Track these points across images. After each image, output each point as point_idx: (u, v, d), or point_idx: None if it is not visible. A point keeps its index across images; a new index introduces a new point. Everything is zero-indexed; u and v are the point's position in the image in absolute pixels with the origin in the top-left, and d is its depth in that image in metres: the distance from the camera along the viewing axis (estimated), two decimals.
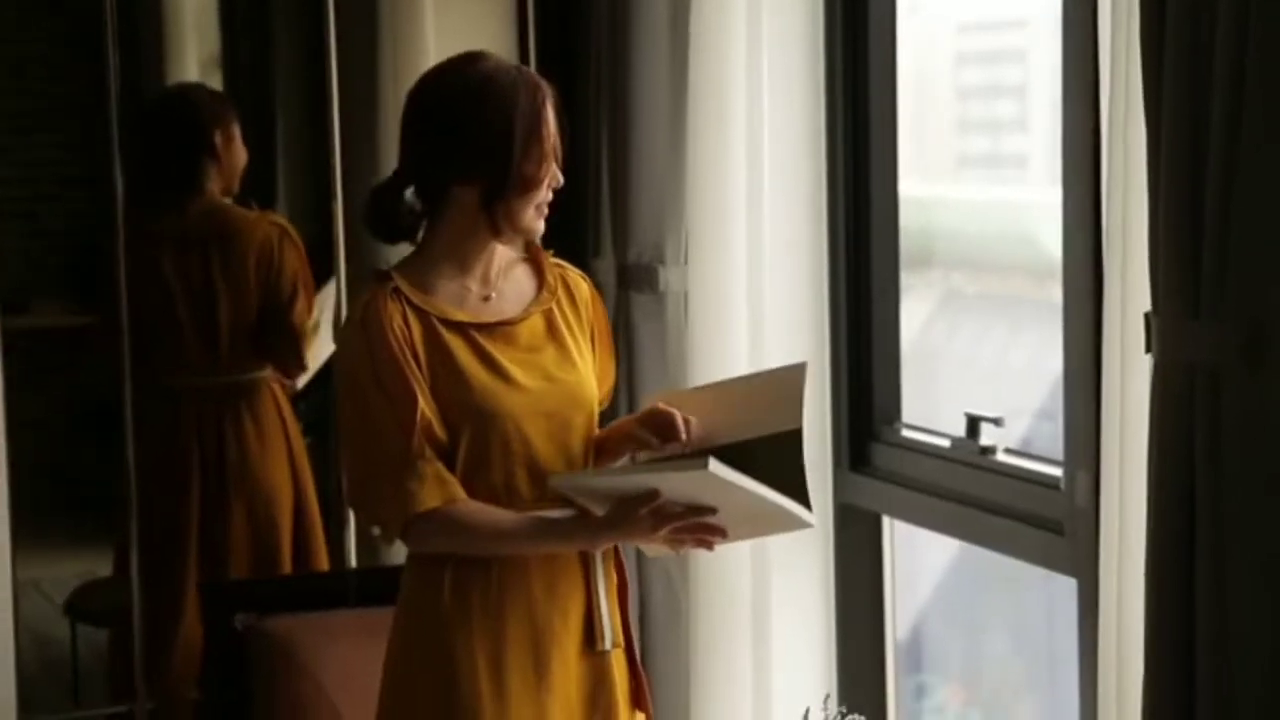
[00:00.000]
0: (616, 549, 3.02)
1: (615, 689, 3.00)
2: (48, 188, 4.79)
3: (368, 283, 2.96)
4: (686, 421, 2.92)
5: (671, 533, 2.85)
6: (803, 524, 2.89)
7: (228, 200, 4.61)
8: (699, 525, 2.84)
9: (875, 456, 3.97)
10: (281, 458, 4.60)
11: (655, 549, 3.01)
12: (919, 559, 4.19)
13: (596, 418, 3.02)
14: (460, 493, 2.87)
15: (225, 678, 3.74)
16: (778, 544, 3.81)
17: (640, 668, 3.05)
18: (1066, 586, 3.93)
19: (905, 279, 4.00)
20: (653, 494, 2.80)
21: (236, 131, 4.61)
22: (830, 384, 3.96)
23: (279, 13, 5.02)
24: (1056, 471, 3.46)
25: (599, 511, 2.87)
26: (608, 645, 2.98)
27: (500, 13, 4.78)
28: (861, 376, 3.98)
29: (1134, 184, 2.80)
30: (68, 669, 4.73)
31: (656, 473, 2.81)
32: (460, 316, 2.93)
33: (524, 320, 2.98)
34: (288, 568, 4.56)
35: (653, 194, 3.99)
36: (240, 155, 4.62)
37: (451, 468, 2.89)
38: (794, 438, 2.85)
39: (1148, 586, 2.66)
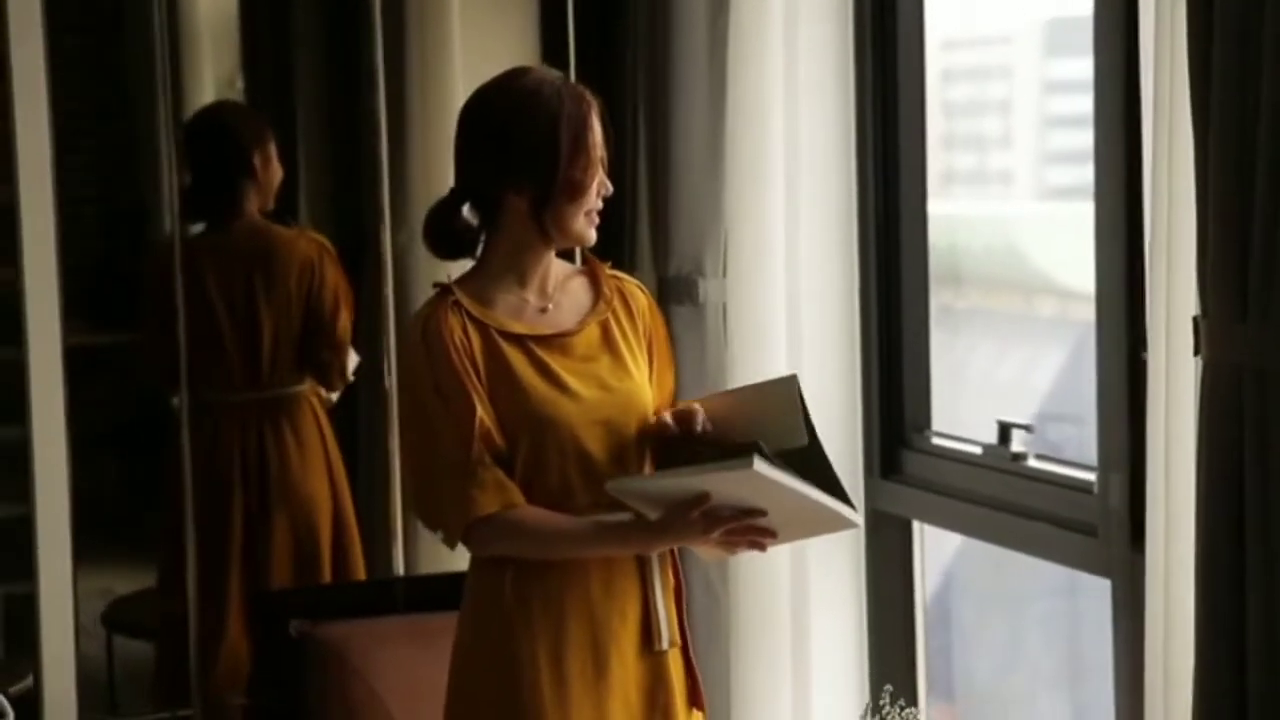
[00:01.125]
0: (672, 550, 3.06)
1: (673, 688, 3.03)
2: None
3: (429, 296, 3.01)
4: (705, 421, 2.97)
5: (724, 535, 2.89)
6: (849, 523, 2.93)
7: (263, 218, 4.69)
8: (750, 527, 2.89)
9: (906, 464, 4.03)
10: (321, 469, 4.65)
11: (710, 553, 3.05)
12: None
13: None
14: (519, 498, 2.91)
15: (279, 683, 3.79)
16: (815, 549, 3.88)
17: (696, 667, 3.08)
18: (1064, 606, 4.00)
19: None
20: (704, 497, 2.85)
21: (273, 150, 4.66)
22: (861, 393, 4.02)
23: (299, 33, 5.06)
24: (1088, 476, 3.53)
25: (653, 515, 2.91)
26: (665, 645, 3.01)
27: (526, 38, 4.85)
28: (892, 385, 4.04)
29: (1179, 191, 2.85)
30: (94, 681, 4.75)
31: (705, 474, 2.84)
32: (518, 328, 2.98)
33: (580, 331, 3.02)
34: (328, 576, 4.61)
35: (692, 207, 4.04)
36: (277, 173, 4.67)
37: (510, 474, 2.93)
38: (814, 450, 2.90)
39: (1197, 585, 2.70)
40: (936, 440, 3.99)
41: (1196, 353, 2.72)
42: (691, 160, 4.01)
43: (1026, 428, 3.74)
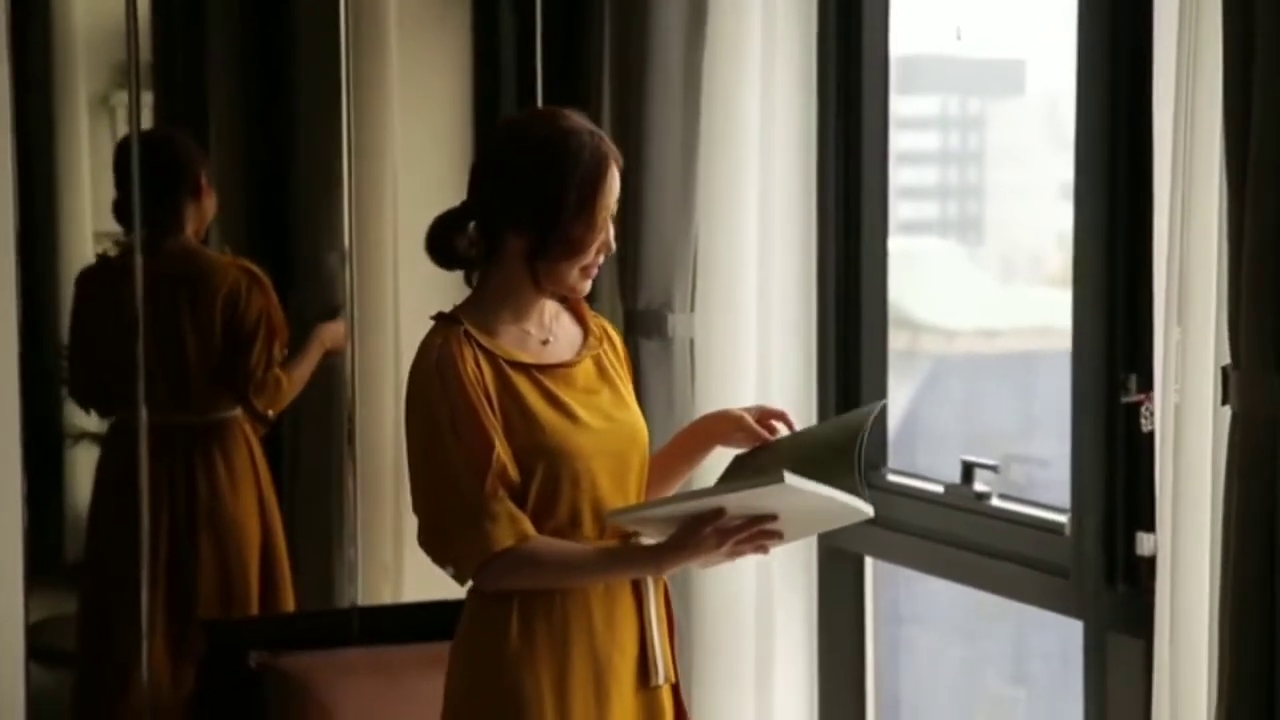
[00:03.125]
0: (666, 587, 3.02)
1: None
2: None
3: (435, 326, 2.94)
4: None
5: (733, 545, 2.85)
6: (861, 515, 2.88)
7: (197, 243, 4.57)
8: (759, 532, 2.85)
9: None
10: (251, 497, 4.52)
11: (706, 560, 2.96)
12: None
13: (648, 458, 3.04)
14: (531, 530, 2.86)
15: (234, 715, 3.68)
16: (779, 583, 3.86)
17: (686, 705, 3.04)
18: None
19: None
20: (718, 513, 2.81)
21: (211, 179, 4.56)
22: None
23: (214, 56, 4.96)
24: (1056, 517, 3.53)
25: (659, 538, 2.88)
26: (660, 680, 2.98)
27: (461, 63, 4.79)
28: None
29: (1194, 237, 2.85)
30: (11, 714, 4.59)
31: (729, 494, 2.79)
32: (525, 358, 2.93)
33: (579, 363, 2.99)
34: (255, 608, 4.49)
35: (662, 241, 3.97)
36: (214, 202, 4.57)
37: (522, 507, 2.87)
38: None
39: (1225, 635, 2.66)
40: (892, 478, 3.98)
41: (1224, 403, 2.71)
42: (662, 194, 3.96)
43: (992, 468, 3.74)
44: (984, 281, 4.59)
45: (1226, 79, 2.66)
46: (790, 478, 2.69)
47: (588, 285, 2.96)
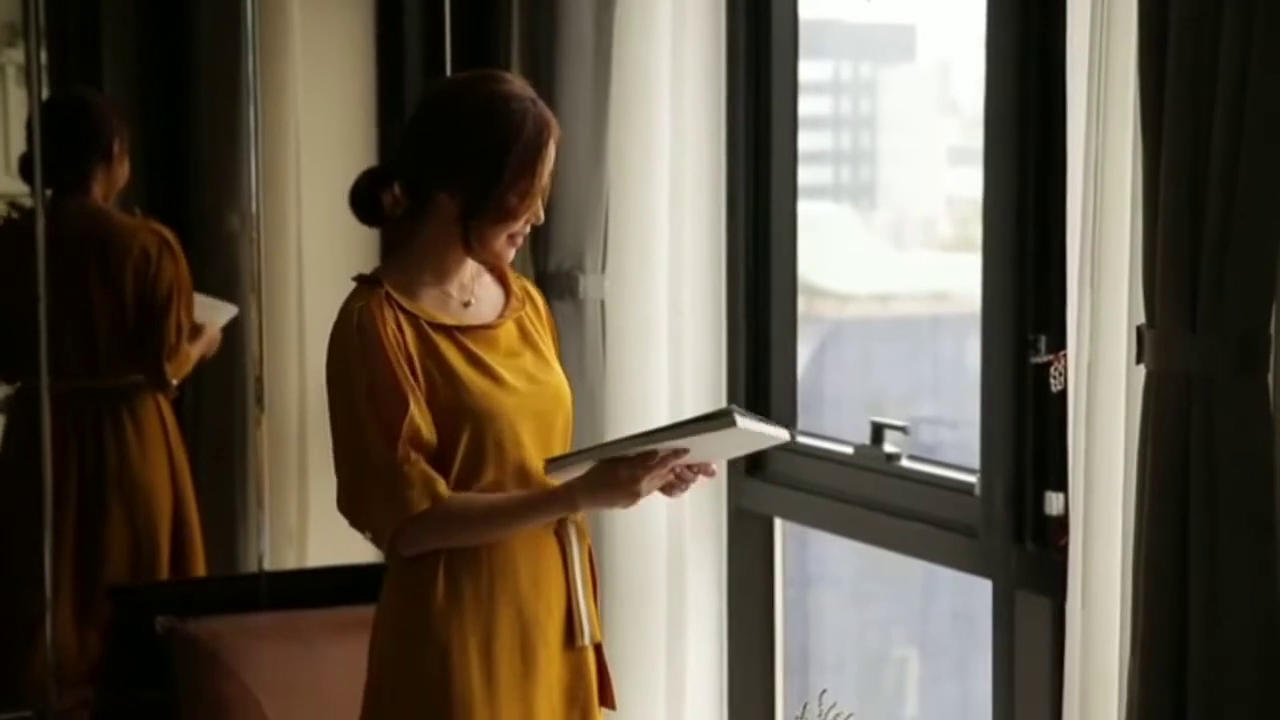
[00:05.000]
0: (590, 548, 3.00)
1: (591, 685, 2.98)
2: None
3: (357, 288, 2.89)
4: None
5: (648, 482, 2.82)
6: (780, 440, 2.91)
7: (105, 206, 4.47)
8: (672, 469, 2.82)
9: (771, 461, 3.98)
10: (162, 462, 4.42)
11: None
12: None
13: (572, 420, 3.01)
14: (445, 490, 2.82)
15: (141, 680, 3.62)
16: (690, 541, 3.85)
17: (609, 666, 3.03)
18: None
19: None
20: (645, 456, 2.78)
21: (126, 148, 4.46)
22: (727, 391, 3.98)
23: (109, 12, 4.86)
24: (965, 477, 3.52)
25: None
26: (586, 640, 2.97)
27: (365, 22, 4.73)
28: (760, 385, 4.00)
29: (1108, 199, 2.82)
30: None
31: (667, 440, 2.77)
32: (447, 320, 2.90)
33: (501, 325, 2.96)
34: (165, 573, 4.41)
35: (574, 202, 3.91)
36: (126, 169, 4.47)
37: (447, 471, 2.84)
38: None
39: (1139, 593, 2.65)
40: (802, 439, 3.95)
41: (1139, 361, 2.70)
42: (573, 156, 3.90)
43: (901, 429, 3.73)
44: (877, 246, 4.59)
45: (1141, 33, 2.63)
46: (740, 420, 2.71)
47: (512, 254, 2.95)
